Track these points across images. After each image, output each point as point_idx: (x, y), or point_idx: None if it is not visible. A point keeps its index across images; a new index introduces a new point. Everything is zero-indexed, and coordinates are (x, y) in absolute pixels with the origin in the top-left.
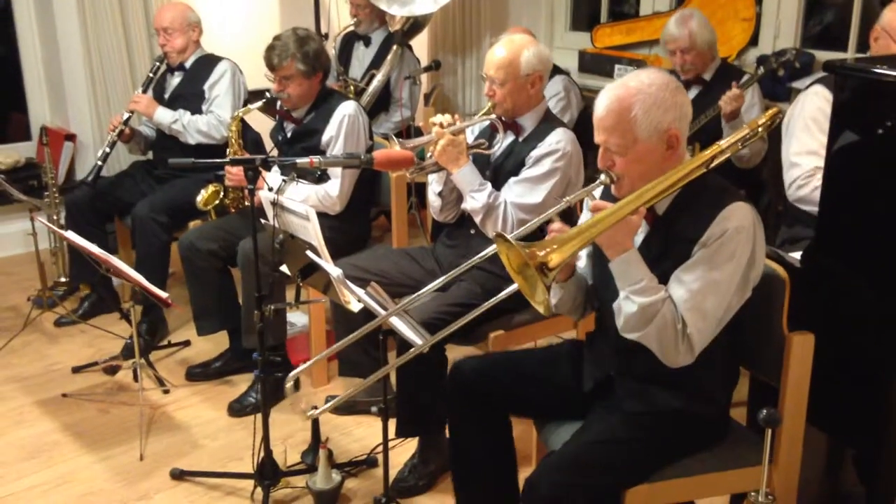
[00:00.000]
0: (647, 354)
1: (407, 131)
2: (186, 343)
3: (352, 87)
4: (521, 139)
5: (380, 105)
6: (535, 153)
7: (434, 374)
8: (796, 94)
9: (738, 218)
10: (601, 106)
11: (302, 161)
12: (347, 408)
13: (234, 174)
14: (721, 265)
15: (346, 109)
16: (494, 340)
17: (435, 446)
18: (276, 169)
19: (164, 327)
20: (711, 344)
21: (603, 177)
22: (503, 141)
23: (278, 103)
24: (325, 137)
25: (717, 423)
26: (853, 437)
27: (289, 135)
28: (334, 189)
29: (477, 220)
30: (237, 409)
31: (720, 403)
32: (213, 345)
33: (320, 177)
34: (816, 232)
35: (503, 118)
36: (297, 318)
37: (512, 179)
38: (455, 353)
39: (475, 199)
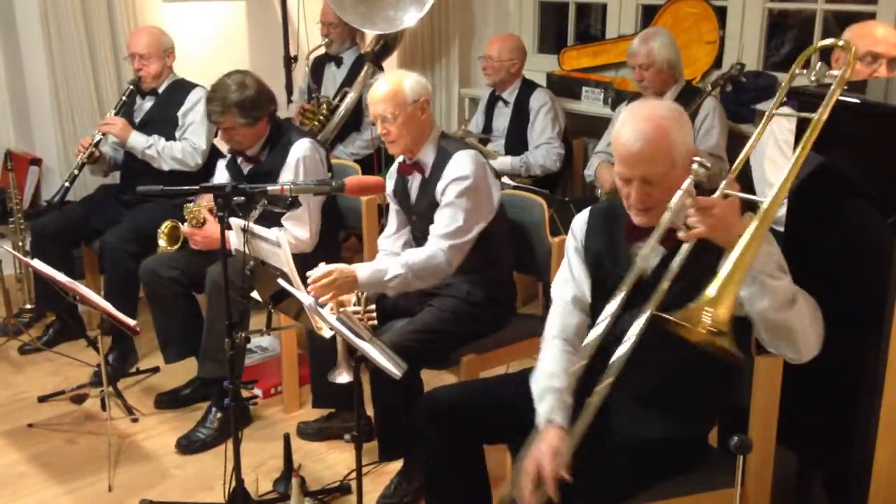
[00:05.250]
0: (641, 375)
1: (377, 152)
2: (155, 370)
3: (325, 105)
4: (427, 176)
5: (352, 124)
6: (439, 185)
7: (411, 399)
8: (761, 116)
9: None
10: (635, 138)
11: (272, 188)
12: (320, 433)
13: (200, 242)
14: None
15: (300, 151)
16: (467, 364)
17: (419, 464)
18: (235, 222)
19: (133, 355)
20: (712, 369)
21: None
22: (412, 182)
23: None
24: (282, 179)
25: (699, 447)
26: (823, 458)
27: (245, 172)
28: (304, 233)
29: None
30: (190, 442)
31: (705, 429)
32: (182, 371)
33: (291, 203)
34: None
35: (406, 161)
36: (268, 343)
37: (436, 216)
38: (428, 376)
39: (390, 288)
